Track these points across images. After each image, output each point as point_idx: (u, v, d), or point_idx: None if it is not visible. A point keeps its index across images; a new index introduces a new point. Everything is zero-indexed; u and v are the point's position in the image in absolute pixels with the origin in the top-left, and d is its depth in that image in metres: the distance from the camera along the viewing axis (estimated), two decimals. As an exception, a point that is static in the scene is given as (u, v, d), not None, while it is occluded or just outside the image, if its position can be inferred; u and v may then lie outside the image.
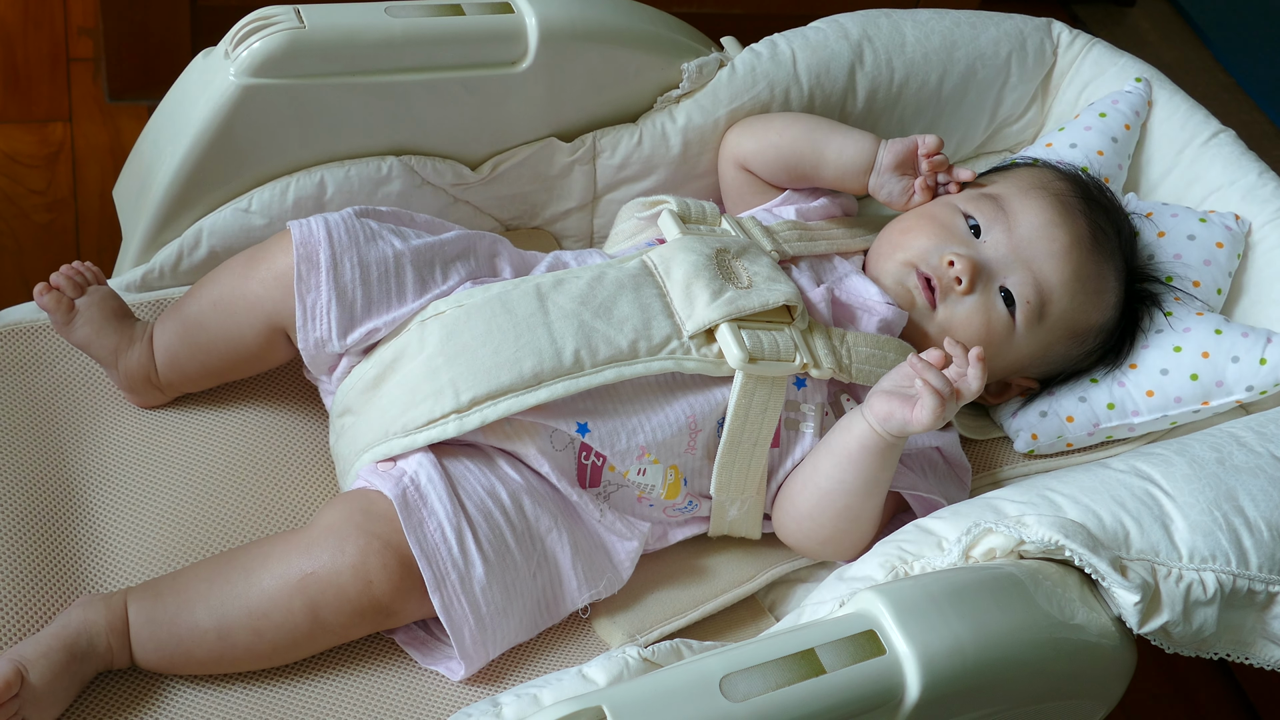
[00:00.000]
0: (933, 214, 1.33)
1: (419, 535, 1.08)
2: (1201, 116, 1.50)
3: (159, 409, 1.26)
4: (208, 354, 1.22)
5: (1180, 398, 1.32)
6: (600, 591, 1.17)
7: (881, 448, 1.15)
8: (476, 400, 1.12)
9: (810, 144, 1.38)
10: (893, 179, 1.36)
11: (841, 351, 1.23)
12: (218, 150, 1.27)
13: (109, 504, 1.19)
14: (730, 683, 0.88)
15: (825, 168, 1.38)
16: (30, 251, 1.78)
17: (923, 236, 1.30)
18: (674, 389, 1.19)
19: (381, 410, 1.15)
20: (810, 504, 1.20)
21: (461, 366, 1.13)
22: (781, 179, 1.41)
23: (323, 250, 1.16)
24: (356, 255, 1.16)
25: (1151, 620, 1.04)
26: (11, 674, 1.00)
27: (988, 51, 1.53)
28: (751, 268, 1.23)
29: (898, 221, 1.35)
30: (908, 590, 0.97)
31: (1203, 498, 1.10)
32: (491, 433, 1.15)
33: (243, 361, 1.23)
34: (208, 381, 1.26)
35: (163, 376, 1.23)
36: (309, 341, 1.17)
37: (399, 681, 1.13)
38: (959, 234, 1.30)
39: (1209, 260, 1.40)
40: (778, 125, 1.41)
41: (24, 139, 1.90)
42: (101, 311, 1.23)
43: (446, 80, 1.33)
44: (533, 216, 1.46)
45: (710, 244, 1.24)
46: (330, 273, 1.15)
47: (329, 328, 1.16)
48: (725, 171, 1.44)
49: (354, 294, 1.16)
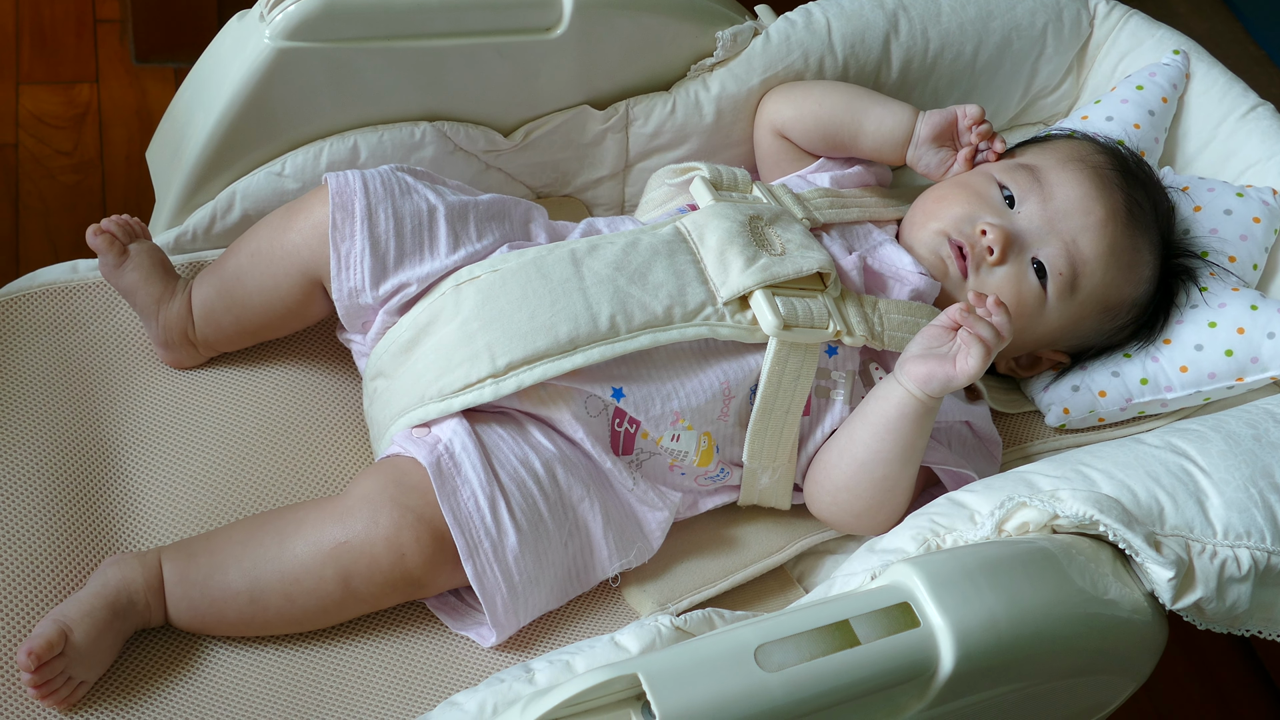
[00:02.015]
0: (968, 183, 1.32)
1: (453, 504, 1.08)
2: (1240, 89, 1.49)
3: (192, 370, 1.26)
4: (244, 308, 1.22)
5: (1215, 373, 1.32)
6: (631, 561, 1.17)
7: (920, 413, 1.15)
8: (513, 365, 1.12)
9: (850, 113, 1.38)
10: (930, 151, 1.35)
11: (874, 319, 1.22)
12: (252, 114, 1.26)
13: (142, 465, 1.19)
14: (765, 652, 0.87)
15: (864, 138, 1.37)
16: (57, 212, 1.78)
17: (957, 205, 1.30)
18: (708, 355, 1.19)
19: (416, 375, 1.15)
20: (847, 475, 1.20)
21: (497, 331, 1.13)
22: (818, 147, 1.40)
23: (358, 200, 1.17)
24: (391, 206, 1.17)
25: (1185, 596, 1.03)
26: (55, 634, 1.00)
27: (1023, 22, 1.51)
28: (784, 235, 1.23)
29: (933, 190, 1.35)
30: (942, 563, 0.97)
31: (1238, 474, 1.09)
32: (526, 398, 1.15)
33: (278, 317, 1.23)
34: (243, 340, 1.26)
35: (199, 333, 1.24)
36: (343, 291, 1.17)
37: (431, 646, 1.14)
38: (993, 203, 1.29)
39: (1245, 235, 1.39)
40: (816, 93, 1.40)
41: (51, 100, 1.90)
42: (150, 259, 1.24)
43: (480, 46, 1.32)
44: (564, 184, 1.46)
45: (743, 210, 1.23)
46: (365, 221, 1.16)
47: (363, 277, 1.16)
48: (761, 138, 1.44)
49: (387, 244, 1.16)
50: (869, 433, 1.18)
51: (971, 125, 1.34)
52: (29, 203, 1.78)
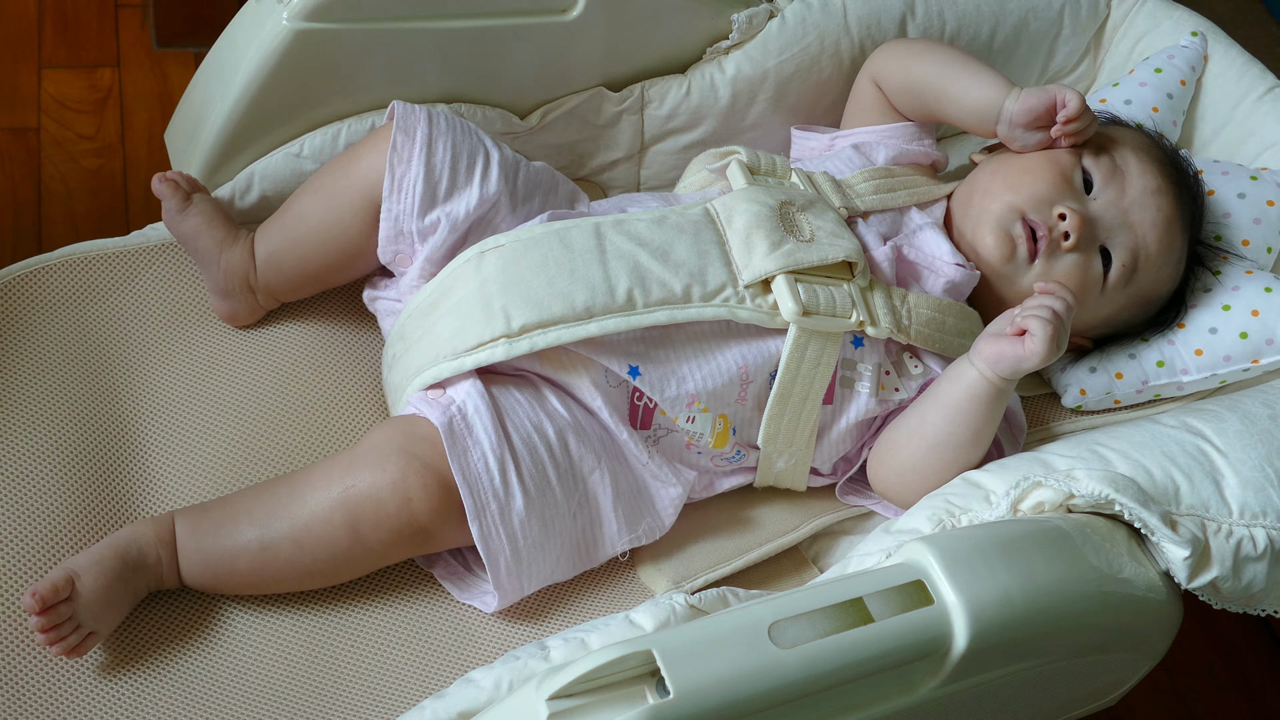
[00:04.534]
0: (1056, 160, 1.28)
1: (463, 464, 1.10)
2: (1257, 71, 1.48)
3: (212, 343, 1.27)
4: (307, 245, 1.24)
5: (1230, 356, 1.31)
6: (640, 537, 1.18)
7: (992, 395, 1.14)
8: (527, 327, 1.13)
9: (939, 77, 1.34)
10: (1025, 134, 1.30)
11: (901, 311, 1.22)
12: (269, 94, 1.27)
13: (160, 437, 1.20)
14: (779, 629, 0.88)
15: (949, 104, 1.34)
16: (79, 196, 1.79)
17: (1041, 183, 1.27)
18: (727, 338, 1.19)
19: (434, 336, 1.16)
20: (916, 457, 1.18)
21: (514, 294, 1.14)
22: (907, 106, 1.37)
23: (421, 127, 1.19)
24: (451, 140, 1.20)
25: (1201, 575, 1.03)
26: (61, 578, 1.03)
27: (1040, 3, 1.51)
28: (815, 222, 1.22)
29: (1017, 160, 1.31)
30: (956, 541, 0.97)
31: (1254, 454, 1.09)
32: (547, 361, 1.16)
33: (339, 255, 1.24)
34: (303, 285, 1.28)
35: (261, 277, 1.26)
36: (391, 216, 1.19)
37: (446, 622, 1.15)
38: (1075, 188, 1.28)
39: (1259, 219, 1.39)
40: (918, 50, 1.38)
41: (73, 84, 1.91)
42: (213, 208, 1.28)
43: (497, 27, 1.32)
44: (580, 166, 1.46)
45: (775, 195, 1.23)
46: (425, 149, 1.19)
47: (413, 202, 1.18)
48: (860, 83, 1.41)
49: (440, 174, 1.19)
50: (939, 414, 1.17)
51: (1066, 120, 1.27)
52: (51, 186, 1.79)
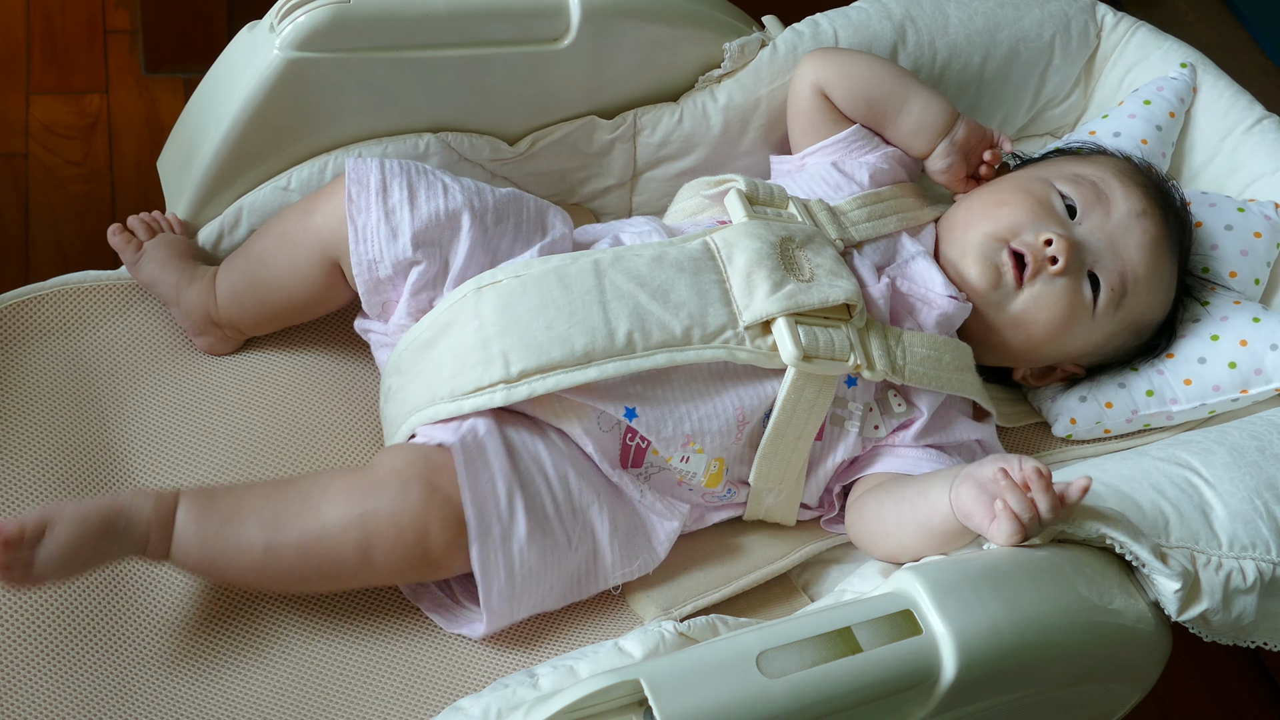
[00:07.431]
0: (1029, 189, 1.30)
1: (474, 484, 1.10)
2: (1246, 102, 1.49)
3: (202, 373, 1.27)
4: (268, 289, 1.25)
5: (1219, 386, 1.32)
6: (634, 571, 1.18)
7: (960, 531, 1.07)
8: (526, 373, 1.13)
9: (900, 87, 1.36)
10: (958, 158, 1.35)
11: (896, 352, 1.21)
12: (261, 124, 1.27)
13: (150, 468, 1.20)
14: (767, 659, 0.88)
15: (906, 117, 1.36)
16: (67, 222, 1.79)
17: (1019, 211, 1.28)
18: (724, 378, 1.18)
19: (431, 374, 1.16)
20: (890, 549, 1.14)
21: (513, 338, 1.13)
22: (857, 112, 1.38)
23: (373, 174, 1.19)
24: (406, 181, 1.19)
25: (1191, 608, 1.03)
26: (33, 526, 1.01)
27: (1031, 33, 1.52)
28: (815, 259, 1.21)
29: (989, 191, 1.33)
30: (945, 571, 0.97)
31: (1243, 486, 1.09)
32: (540, 407, 1.15)
33: (300, 300, 1.25)
34: (266, 323, 1.28)
35: (222, 312, 1.26)
36: (362, 265, 1.19)
37: (435, 651, 1.14)
38: (1056, 213, 1.28)
39: (1246, 250, 1.39)
40: (866, 60, 1.39)
41: (61, 110, 1.91)
42: (167, 251, 1.28)
43: (488, 56, 1.32)
44: (571, 194, 1.46)
45: (776, 231, 1.22)
46: (380, 194, 1.19)
47: (379, 247, 1.18)
48: (800, 95, 1.40)
49: (400, 210, 1.18)
50: (914, 530, 1.11)
51: (992, 158, 1.35)
52: (39, 212, 1.78)
